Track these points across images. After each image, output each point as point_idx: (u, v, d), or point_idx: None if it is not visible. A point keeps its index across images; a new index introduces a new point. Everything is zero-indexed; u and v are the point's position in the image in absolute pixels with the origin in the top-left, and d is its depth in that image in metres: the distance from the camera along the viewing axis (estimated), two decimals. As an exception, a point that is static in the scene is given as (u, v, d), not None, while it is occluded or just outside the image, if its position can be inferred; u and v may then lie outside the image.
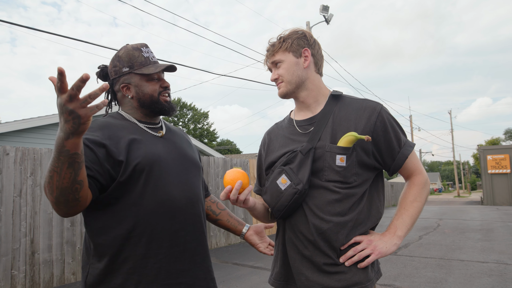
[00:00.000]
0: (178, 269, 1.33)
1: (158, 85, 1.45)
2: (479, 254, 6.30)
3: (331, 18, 15.18)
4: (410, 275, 5.03)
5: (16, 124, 8.72)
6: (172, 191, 1.36)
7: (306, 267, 1.32)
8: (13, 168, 4.68)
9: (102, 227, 1.29)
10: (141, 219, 1.29)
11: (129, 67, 1.43)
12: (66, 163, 1.04)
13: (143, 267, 1.28)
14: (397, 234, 1.34)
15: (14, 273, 4.52)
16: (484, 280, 4.69)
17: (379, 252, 1.30)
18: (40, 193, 4.90)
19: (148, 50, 1.48)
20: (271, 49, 1.46)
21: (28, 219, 4.74)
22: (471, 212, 14.87)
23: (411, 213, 1.37)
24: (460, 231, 9.20)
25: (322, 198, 1.32)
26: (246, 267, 5.77)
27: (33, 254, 4.73)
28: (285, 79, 1.43)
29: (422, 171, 1.43)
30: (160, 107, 1.45)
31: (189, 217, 1.39)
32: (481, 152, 21.65)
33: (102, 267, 1.28)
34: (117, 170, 1.28)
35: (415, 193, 1.39)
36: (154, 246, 1.30)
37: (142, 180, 1.31)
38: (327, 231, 1.29)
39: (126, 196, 1.29)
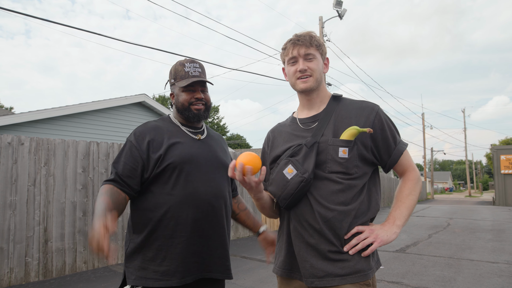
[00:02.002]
0: (195, 250, 1.60)
1: (191, 96, 1.70)
2: (489, 254, 6.23)
3: (345, 13, 15.01)
4: (419, 273, 5.00)
5: (31, 115, 8.87)
6: (199, 186, 1.63)
7: (311, 254, 1.39)
8: (27, 157, 4.78)
9: (143, 210, 1.61)
10: (172, 207, 1.59)
11: (174, 79, 1.74)
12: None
13: (169, 245, 1.57)
14: (396, 224, 1.44)
15: (28, 260, 4.63)
16: (494, 280, 4.64)
17: (381, 240, 1.39)
18: (53, 183, 4.99)
19: (192, 65, 1.73)
20: (308, 40, 1.51)
21: (42, 208, 4.84)
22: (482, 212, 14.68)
23: (407, 205, 1.47)
24: (471, 231, 9.09)
25: (326, 189, 1.40)
26: (254, 261, 5.80)
27: (46, 242, 4.83)
28: (314, 74, 1.51)
29: (415, 168, 1.54)
30: (188, 114, 1.71)
31: (211, 210, 1.64)
32: (495, 151, 21.30)
33: (139, 242, 1.59)
34: (155, 164, 1.59)
35: (410, 187, 1.50)
36: (179, 229, 1.58)
37: (175, 174, 1.60)
38: (331, 219, 1.37)
39: (162, 186, 1.60)
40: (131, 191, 1.59)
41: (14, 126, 8.66)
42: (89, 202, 5.36)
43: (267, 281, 4.69)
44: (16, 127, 8.70)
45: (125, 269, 1.63)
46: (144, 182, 1.62)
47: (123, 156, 1.62)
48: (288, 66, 1.57)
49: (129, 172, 1.59)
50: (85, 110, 9.99)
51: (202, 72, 1.75)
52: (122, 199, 1.56)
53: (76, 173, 5.27)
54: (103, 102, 10.48)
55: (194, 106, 1.70)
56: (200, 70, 1.74)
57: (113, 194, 1.53)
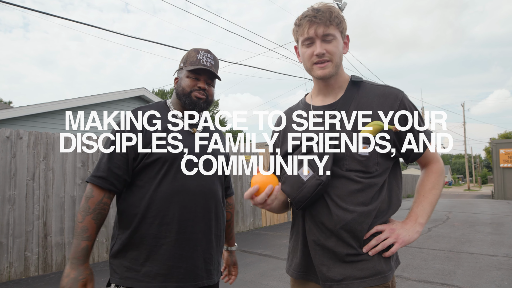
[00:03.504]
0: (180, 254, 1.49)
1: (194, 83, 1.61)
2: (488, 247, 6.24)
3: (345, 7, 14.91)
4: (419, 266, 5.01)
5: (29, 109, 8.82)
6: (188, 184, 1.53)
7: (327, 257, 1.29)
8: (26, 152, 4.75)
9: (128, 204, 1.52)
10: (156, 204, 1.49)
11: (183, 63, 1.65)
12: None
13: (153, 245, 1.47)
14: (419, 222, 1.32)
15: (27, 255, 4.63)
16: (493, 273, 4.65)
17: (403, 240, 1.28)
18: (52, 177, 4.97)
19: (206, 54, 1.64)
20: (327, 18, 1.30)
21: (41, 202, 4.83)
22: (481, 206, 14.71)
23: (430, 200, 1.35)
24: (470, 224, 9.12)
25: (344, 188, 1.27)
26: (254, 255, 5.81)
27: (46, 236, 4.83)
28: (334, 59, 1.33)
29: (439, 159, 1.40)
30: (185, 100, 1.60)
31: (200, 210, 1.54)
32: (494, 145, 21.30)
33: (124, 238, 1.50)
34: (144, 156, 1.51)
35: (434, 180, 1.37)
36: (164, 229, 1.48)
37: (163, 170, 1.50)
38: (351, 222, 1.25)
39: (149, 181, 1.50)
40: (120, 186, 1.50)
41: (12, 120, 8.62)
42: (88, 196, 5.34)
43: (267, 275, 4.70)
44: (15, 121, 8.66)
45: (110, 267, 1.54)
46: (132, 172, 1.53)
47: (115, 145, 1.52)
48: (302, 47, 1.36)
49: (122, 163, 1.49)
50: (84, 104, 9.94)
51: (214, 65, 1.66)
52: (107, 210, 1.49)
53: (75, 167, 5.24)
54: (102, 96, 10.43)
55: (195, 93, 1.60)
56: (213, 62, 1.66)
57: (100, 213, 1.45)
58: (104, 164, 1.49)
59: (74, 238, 1.42)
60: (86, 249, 1.41)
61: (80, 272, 1.39)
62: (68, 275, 1.37)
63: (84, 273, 1.39)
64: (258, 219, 8.75)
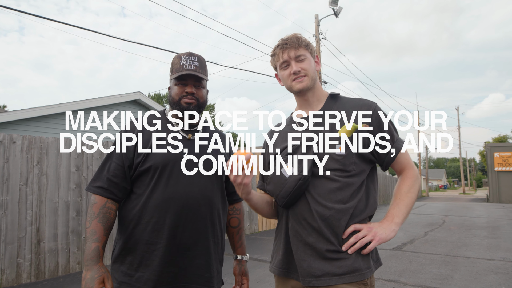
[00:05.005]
0: (170, 260, 1.51)
1: (182, 90, 1.62)
2: (485, 251, 6.24)
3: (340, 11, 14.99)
4: (416, 271, 4.99)
5: (23, 113, 8.74)
6: (180, 191, 1.54)
7: (308, 254, 1.38)
8: (19, 156, 4.69)
9: (126, 210, 1.56)
10: (149, 210, 1.52)
11: (171, 72, 1.66)
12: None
13: (145, 251, 1.51)
14: (395, 221, 1.41)
15: (19, 261, 4.55)
16: (490, 277, 4.64)
17: (380, 238, 1.36)
18: (46, 182, 4.91)
19: (188, 58, 1.63)
20: (295, 42, 1.51)
21: (34, 207, 4.76)
22: (476, 209, 14.76)
23: (406, 203, 1.45)
24: (466, 228, 9.13)
25: (324, 187, 1.39)
26: (250, 260, 5.76)
27: (39, 242, 4.75)
28: (309, 74, 1.51)
29: (413, 166, 1.52)
30: (177, 109, 1.63)
31: (192, 217, 1.55)
32: (488, 149, 21.43)
33: (121, 244, 1.55)
34: (138, 163, 1.55)
35: (409, 184, 1.48)
36: (155, 235, 1.51)
37: (155, 177, 1.53)
38: (329, 218, 1.36)
39: (143, 188, 1.54)
40: (120, 194, 1.55)
41: (6, 124, 8.53)
42: (82, 201, 5.28)
43: (263, 280, 4.65)
44: (9, 125, 8.57)
45: (111, 272, 1.57)
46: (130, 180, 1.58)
47: (113, 156, 1.58)
48: (281, 71, 1.56)
49: (119, 172, 1.55)
50: (79, 108, 9.87)
51: (199, 66, 1.64)
52: (113, 214, 1.54)
53: (69, 172, 5.18)
54: (97, 100, 10.37)
55: (184, 100, 1.61)
56: (198, 63, 1.64)
57: (105, 216, 1.50)
58: (102, 173, 1.56)
59: (86, 243, 1.48)
60: (97, 249, 1.45)
61: (95, 271, 1.42)
62: (85, 277, 1.42)
63: (99, 271, 1.43)
64: (254, 224, 8.70)
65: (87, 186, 1.58)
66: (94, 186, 1.55)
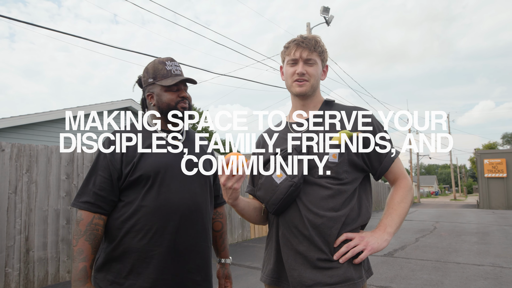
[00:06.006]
0: (163, 267, 1.50)
1: (175, 95, 1.61)
2: (475, 257, 6.30)
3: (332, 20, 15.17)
4: (407, 277, 5.02)
5: (12, 120, 8.65)
6: (172, 197, 1.53)
7: (299, 263, 1.35)
8: (8, 164, 4.64)
9: (113, 219, 1.53)
10: (141, 218, 1.50)
11: (153, 78, 1.63)
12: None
13: (136, 259, 1.48)
14: (387, 231, 1.39)
15: (8, 271, 4.48)
16: (480, 283, 4.69)
17: (372, 247, 1.34)
18: (35, 190, 4.86)
19: (172, 63, 1.65)
20: (312, 45, 1.48)
21: (23, 216, 4.70)
22: (467, 215, 14.89)
23: (399, 213, 1.43)
24: (457, 234, 9.21)
25: (316, 194, 1.37)
26: (242, 267, 5.74)
27: (28, 251, 4.69)
28: (311, 80, 1.49)
29: (407, 176, 1.50)
30: (174, 114, 1.61)
31: (184, 223, 1.54)
32: (478, 156, 21.69)
33: (108, 252, 1.52)
34: (127, 174, 1.52)
35: (402, 194, 1.45)
36: (147, 243, 1.49)
37: (147, 186, 1.51)
38: (321, 226, 1.34)
39: (133, 196, 1.52)
40: (108, 207, 1.52)
41: (-5, 132, 8.43)
42: (73, 209, 5.22)
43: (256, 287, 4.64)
44: (-2, 133, 8.48)
45: (94, 281, 1.53)
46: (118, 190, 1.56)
47: (99, 169, 1.53)
48: (287, 66, 1.53)
49: (106, 185, 1.51)
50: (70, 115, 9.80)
51: (181, 71, 1.68)
52: (101, 230, 1.50)
53: (59, 180, 5.14)
54: (89, 107, 10.31)
55: (180, 105, 1.61)
56: (180, 68, 1.68)
57: (92, 233, 1.47)
58: (88, 187, 1.52)
59: (73, 262, 1.45)
60: (85, 269, 1.44)
61: None
62: None
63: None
64: (246, 231, 8.68)
65: (72, 201, 1.55)
66: (80, 201, 1.51)
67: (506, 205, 20.13)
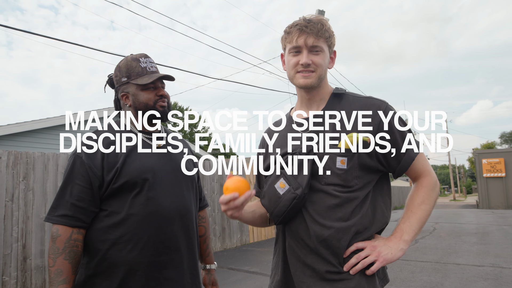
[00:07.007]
0: (157, 277, 1.40)
1: (153, 94, 1.51)
2: (474, 257, 6.29)
3: (327, 23, 15.21)
4: (406, 279, 5.01)
5: (9, 128, 8.64)
6: (162, 203, 1.43)
7: (307, 275, 1.24)
8: (5, 172, 4.62)
9: (96, 230, 1.39)
10: (129, 228, 1.38)
11: (127, 77, 1.51)
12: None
13: (126, 273, 1.37)
14: (404, 239, 1.24)
15: (5, 279, 4.45)
16: (480, 283, 4.67)
17: (384, 259, 1.21)
18: (32, 198, 4.84)
19: (147, 60, 1.54)
20: (317, 29, 1.28)
21: (20, 224, 4.68)
22: (466, 216, 14.89)
23: (419, 216, 1.27)
24: (456, 235, 9.20)
25: (322, 203, 1.24)
26: (241, 272, 5.72)
27: (25, 259, 4.66)
28: (318, 71, 1.31)
29: (431, 173, 1.32)
30: (154, 114, 1.51)
31: (176, 229, 1.46)
32: (477, 156, 21.72)
33: (91, 268, 1.38)
34: (110, 181, 1.39)
35: (424, 195, 1.29)
36: (137, 255, 1.38)
37: (134, 192, 1.40)
38: (328, 238, 1.21)
39: (119, 205, 1.40)
40: (88, 220, 1.38)
41: (-8, 140, 8.41)
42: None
43: (254, 292, 4.61)
44: (-5, 140, 8.46)
45: None
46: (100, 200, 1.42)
47: (75, 178, 1.38)
48: (289, 55, 1.34)
49: (85, 195, 1.37)
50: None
51: (157, 68, 1.57)
52: (80, 246, 1.36)
53: (56, 187, 5.11)
54: (86, 114, 10.30)
55: (159, 103, 1.50)
56: (155, 65, 1.56)
57: (71, 251, 1.32)
58: (63, 199, 1.37)
59: (50, 286, 1.29)
60: None
61: None
62: None
63: None
64: (245, 235, 8.65)
65: (46, 215, 1.37)
66: (56, 215, 1.35)
67: (505, 204, 20.14)
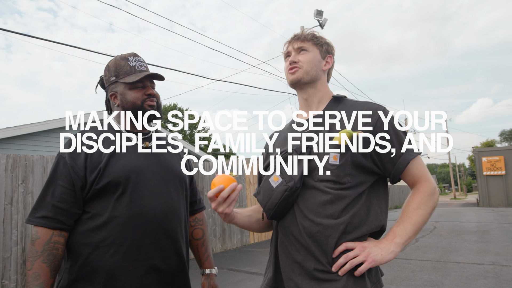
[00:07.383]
0: (141, 282, 1.35)
1: (141, 93, 1.48)
2: (475, 256, 6.29)
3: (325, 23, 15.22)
4: (407, 278, 5.00)
5: (8, 131, 8.64)
6: (147, 205, 1.38)
7: (296, 273, 1.25)
8: (4, 175, 4.62)
9: (79, 233, 1.36)
10: (112, 231, 1.34)
11: (115, 76, 1.50)
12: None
13: (109, 277, 1.33)
14: (395, 241, 1.22)
15: (5, 283, 4.45)
16: (480, 282, 4.67)
17: (373, 260, 1.19)
18: (31, 201, 4.83)
19: (136, 59, 1.52)
20: (302, 35, 1.46)
21: (20, 227, 4.67)
22: (467, 214, 14.89)
23: (413, 221, 1.25)
24: (456, 233, 9.19)
25: (313, 199, 1.26)
26: (242, 273, 5.71)
27: (25, 263, 4.65)
28: (304, 67, 1.42)
29: (429, 179, 1.31)
30: (141, 114, 1.48)
31: (162, 232, 1.41)
32: (476, 154, 21.73)
33: (73, 273, 1.34)
34: (93, 182, 1.36)
35: (420, 200, 1.28)
36: (121, 258, 1.33)
37: (117, 193, 1.36)
38: (317, 234, 1.22)
39: (101, 207, 1.36)
40: (70, 222, 1.35)
41: (-9, 143, 8.41)
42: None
43: (255, 293, 4.61)
44: (-6, 144, 8.45)
45: None
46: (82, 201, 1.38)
47: (58, 178, 1.35)
48: (285, 62, 1.50)
49: (67, 196, 1.34)
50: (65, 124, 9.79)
51: (147, 67, 1.54)
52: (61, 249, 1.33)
53: (55, 190, 5.11)
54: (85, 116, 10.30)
55: (147, 103, 1.47)
56: (145, 64, 1.54)
57: (50, 254, 1.29)
58: (45, 200, 1.34)
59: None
60: None
61: None
62: None
63: None
64: (245, 236, 8.64)
65: (27, 217, 1.33)
66: (36, 216, 1.31)
67: (505, 202, 20.14)
